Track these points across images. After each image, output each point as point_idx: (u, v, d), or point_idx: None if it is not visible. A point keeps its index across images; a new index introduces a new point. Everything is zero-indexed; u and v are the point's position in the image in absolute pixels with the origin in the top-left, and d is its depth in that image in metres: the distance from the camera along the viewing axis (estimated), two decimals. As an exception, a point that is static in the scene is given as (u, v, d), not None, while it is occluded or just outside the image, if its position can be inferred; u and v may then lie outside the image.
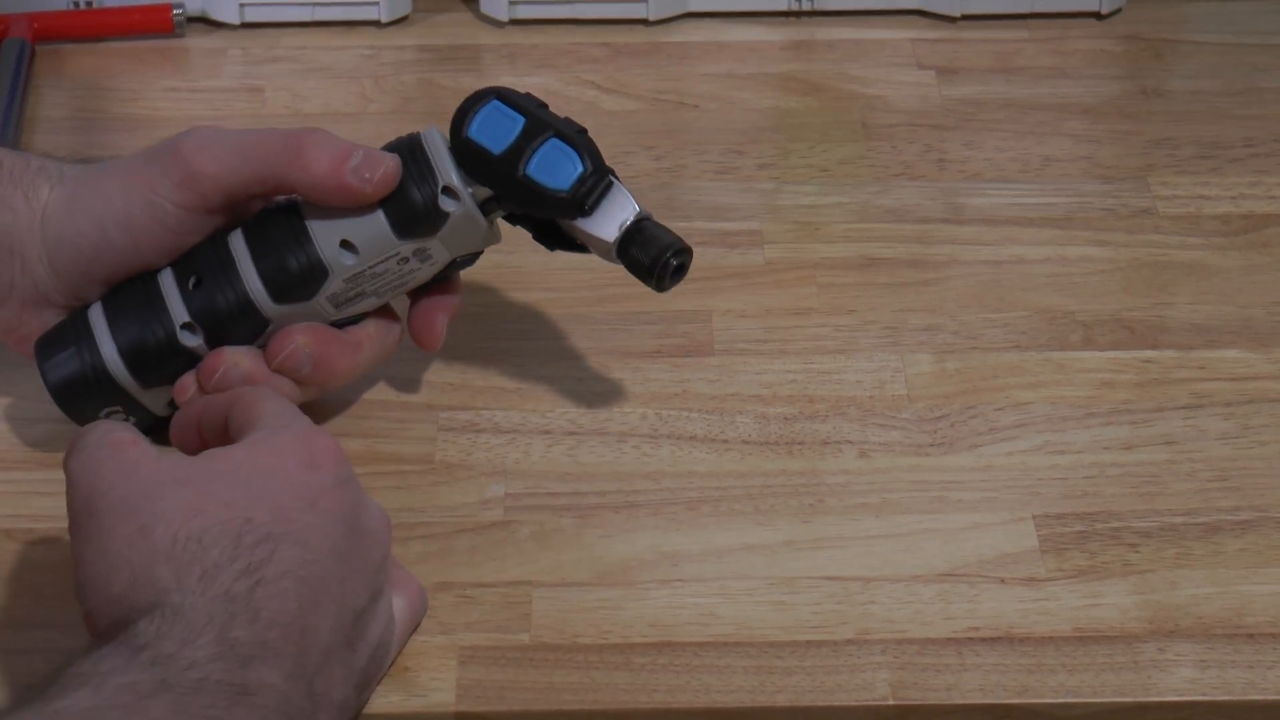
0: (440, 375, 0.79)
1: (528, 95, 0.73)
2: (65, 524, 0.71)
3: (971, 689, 0.66)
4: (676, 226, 0.87)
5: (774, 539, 0.72)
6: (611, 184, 0.72)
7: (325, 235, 0.71)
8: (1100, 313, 0.83)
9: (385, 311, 0.75)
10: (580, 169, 0.71)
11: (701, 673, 0.66)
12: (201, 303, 0.72)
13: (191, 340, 0.72)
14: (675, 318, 0.82)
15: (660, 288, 0.72)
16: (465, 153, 0.71)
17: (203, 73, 1.00)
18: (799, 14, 1.04)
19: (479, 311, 0.82)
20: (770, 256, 0.86)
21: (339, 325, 0.73)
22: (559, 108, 0.74)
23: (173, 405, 0.73)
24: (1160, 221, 0.89)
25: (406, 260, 0.72)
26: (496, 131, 0.71)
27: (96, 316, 0.72)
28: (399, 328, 0.75)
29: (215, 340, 0.72)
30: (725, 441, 0.76)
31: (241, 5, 1.02)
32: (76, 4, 1.02)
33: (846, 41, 1.02)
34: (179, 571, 0.59)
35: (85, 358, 0.72)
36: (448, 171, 0.71)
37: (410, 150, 0.72)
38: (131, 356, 0.72)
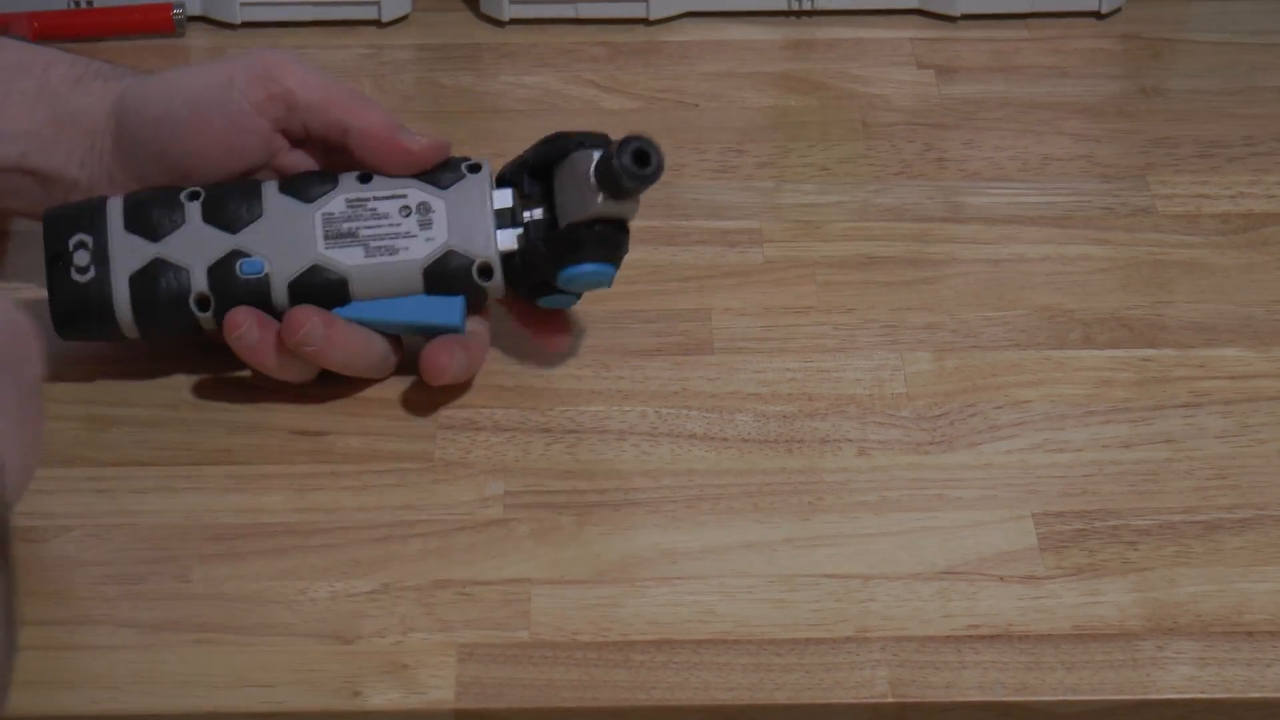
0: (440, 374, 0.79)
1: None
2: (64, 523, 0.72)
3: (970, 686, 0.66)
4: (677, 225, 0.88)
5: (773, 537, 0.72)
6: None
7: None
8: (1099, 311, 0.83)
9: (394, 339, 0.76)
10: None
11: (701, 670, 0.67)
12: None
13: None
14: (674, 316, 0.82)
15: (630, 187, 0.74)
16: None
17: (203, 72, 1.00)
18: (798, 13, 1.04)
19: (478, 310, 0.82)
20: (770, 255, 0.86)
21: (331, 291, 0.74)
22: (559, 107, 0.74)
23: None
24: (1159, 220, 0.89)
25: (409, 213, 0.73)
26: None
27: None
28: (399, 353, 0.77)
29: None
30: (724, 440, 0.76)
31: (241, 5, 1.02)
32: (76, 3, 1.02)
33: (846, 41, 1.02)
34: None
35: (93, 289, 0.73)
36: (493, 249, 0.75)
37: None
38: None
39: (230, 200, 0.74)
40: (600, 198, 0.73)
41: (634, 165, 0.72)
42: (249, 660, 0.67)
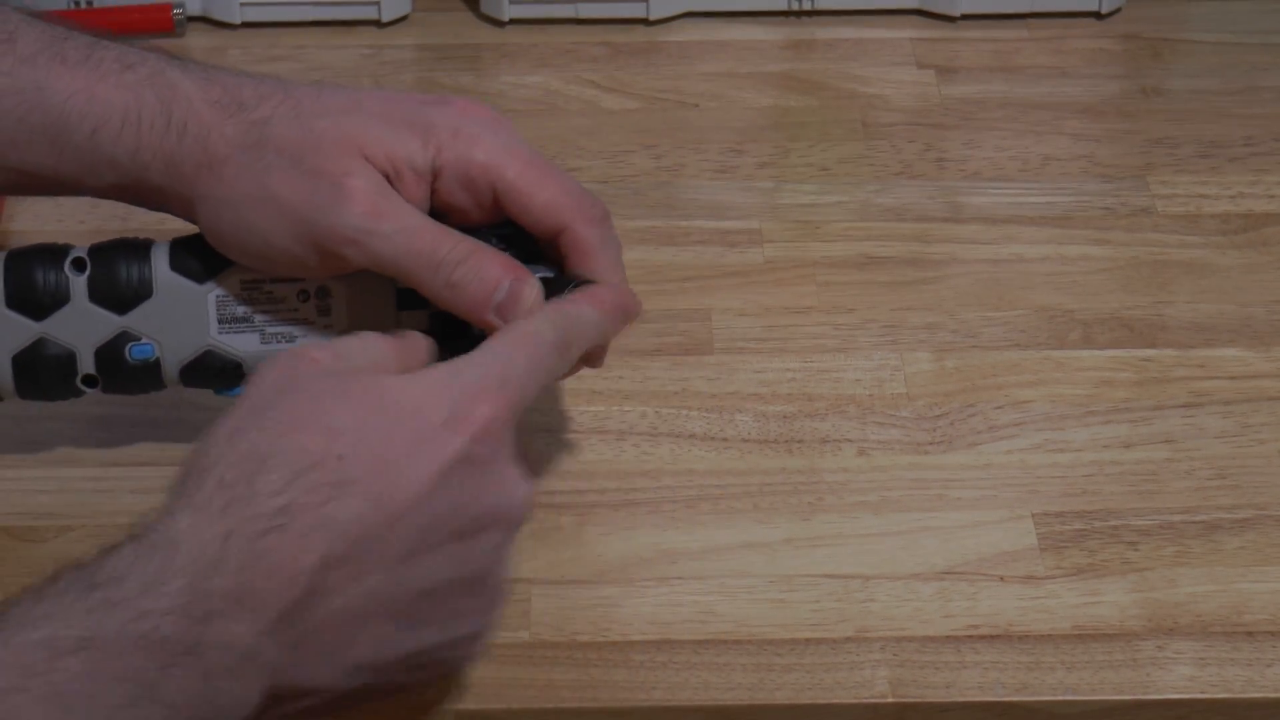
0: (440, 374, 0.79)
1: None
2: (65, 523, 0.72)
3: (970, 686, 0.66)
4: (677, 225, 0.88)
5: (773, 537, 0.72)
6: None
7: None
8: (1099, 311, 0.83)
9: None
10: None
11: (700, 670, 0.67)
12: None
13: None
14: (675, 316, 0.82)
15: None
16: None
17: (203, 72, 1.00)
18: (798, 13, 1.04)
19: (478, 310, 0.82)
20: (770, 255, 0.86)
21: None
22: (559, 107, 0.74)
23: None
24: (1159, 220, 0.89)
25: (307, 298, 0.68)
26: None
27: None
28: None
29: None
30: (724, 440, 0.76)
31: (241, 5, 1.02)
32: (77, 3, 1.02)
33: (846, 41, 1.02)
34: (214, 491, 0.54)
35: None
36: None
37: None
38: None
39: (118, 275, 0.68)
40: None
41: None
42: (249, 660, 0.67)
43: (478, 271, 0.64)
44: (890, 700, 0.66)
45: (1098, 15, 1.04)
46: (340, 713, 0.57)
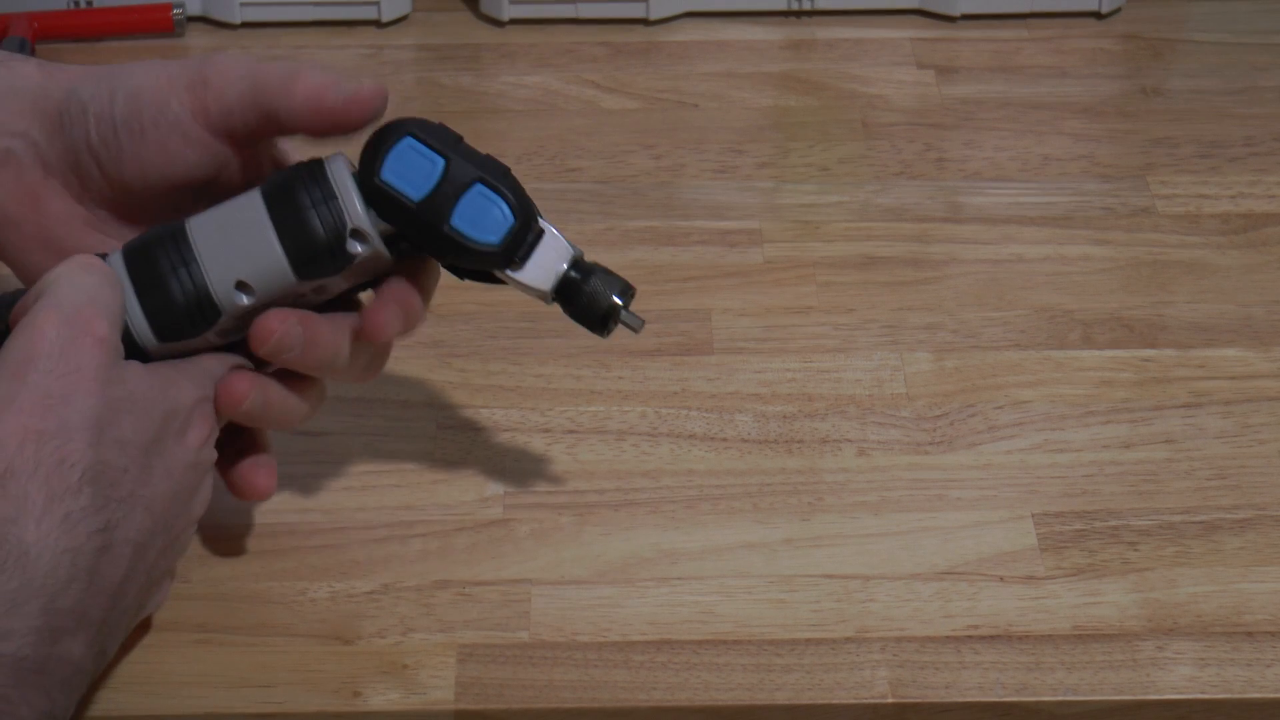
0: (439, 374, 0.79)
1: (442, 127, 0.66)
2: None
3: (970, 687, 0.66)
4: (676, 226, 0.88)
5: (773, 537, 0.72)
6: (543, 231, 0.66)
7: (220, 274, 0.64)
8: (1099, 311, 0.83)
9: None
10: (510, 221, 0.64)
11: (700, 671, 0.67)
12: None
13: None
14: (674, 316, 0.82)
15: (604, 335, 0.68)
16: (378, 196, 0.64)
17: (203, 72, 1.00)
18: (798, 13, 1.04)
19: (478, 310, 0.82)
20: (769, 255, 0.86)
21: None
22: (559, 107, 0.74)
23: None
24: (1159, 220, 0.89)
25: (303, 296, 0.66)
26: (413, 174, 0.64)
27: None
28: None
29: None
30: (724, 440, 0.76)
31: (241, 5, 1.02)
32: (77, 3, 1.02)
33: (846, 41, 1.02)
34: (48, 502, 0.57)
35: None
36: (357, 213, 0.64)
37: (313, 179, 0.64)
38: None
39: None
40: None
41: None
42: (249, 660, 0.67)
43: (316, 72, 0.66)
44: (890, 701, 0.66)
45: (1098, 15, 1.04)
46: None
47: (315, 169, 0.65)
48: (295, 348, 0.65)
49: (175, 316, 0.64)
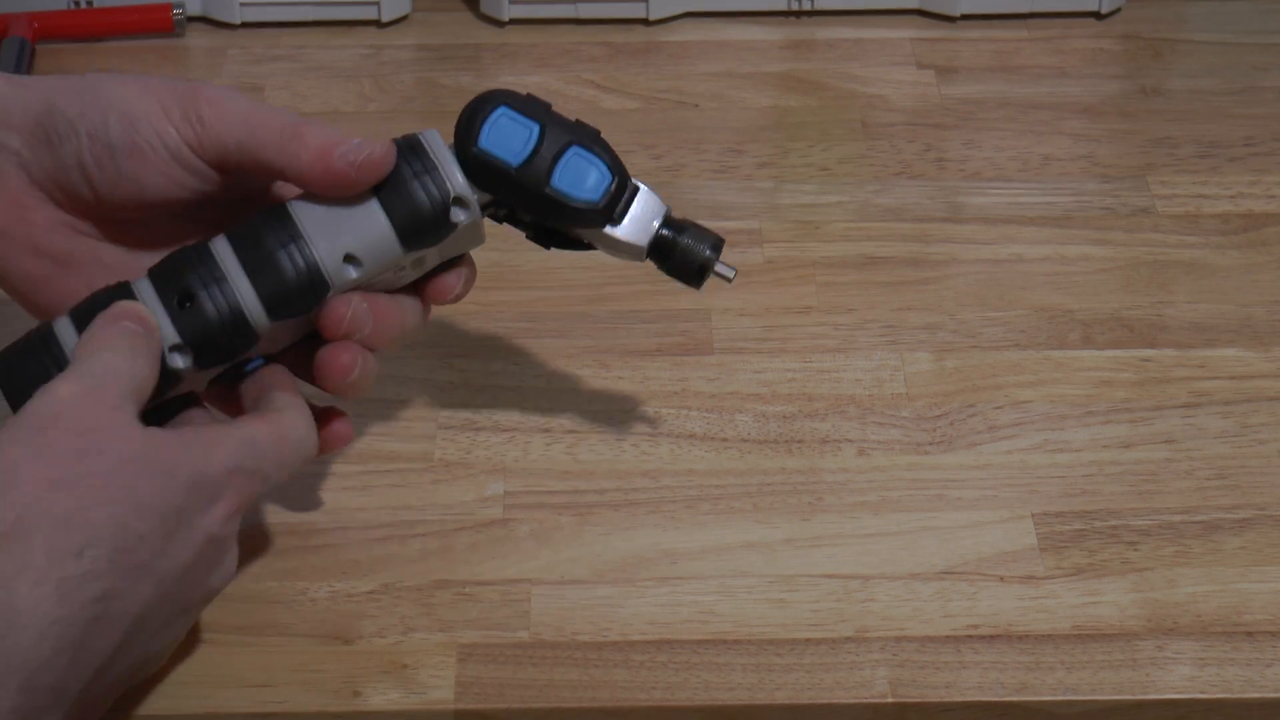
0: (440, 374, 0.79)
1: (530, 97, 0.69)
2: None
3: (970, 686, 0.66)
4: (676, 225, 0.88)
5: (773, 537, 0.72)
6: (638, 188, 0.69)
7: (328, 249, 0.66)
8: (1099, 311, 0.83)
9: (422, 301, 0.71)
10: (609, 179, 0.68)
11: (700, 670, 0.67)
12: (193, 322, 0.65)
13: (182, 362, 0.65)
14: (674, 316, 0.82)
15: (698, 288, 0.71)
16: (476, 164, 0.67)
17: (203, 72, 1.00)
18: (798, 13, 1.04)
19: (478, 310, 0.82)
20: (770, 255, 0.86)
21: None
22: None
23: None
24: (1159, 220, 0.89)
25: (403, 269, 0.68)
26: (510, 141, 0.67)
27: (65, 330, 0.65)
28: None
29: (201, 360, 0.66)
30: (724, 440, 0.76)
31: (241, 5, 1.02)
32: (77, 3, 1.02)
33: (846, 41, 1.02)
34: (49, 563, 0.56)
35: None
36: (459, 182, 0.67)
37: (414, 153, 0.67)
38: None
39: (218, 350, 0.67)
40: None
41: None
42: (249, 660, 0.67)
43: (320, 133, 0.66)
44: (890, 700, 0.66)
45: (1098, 15, 1.04)
46: None
47: (413, 142, 0.67)
48: (366, 326, 0.67)
49: (288, 293, 0.66)
